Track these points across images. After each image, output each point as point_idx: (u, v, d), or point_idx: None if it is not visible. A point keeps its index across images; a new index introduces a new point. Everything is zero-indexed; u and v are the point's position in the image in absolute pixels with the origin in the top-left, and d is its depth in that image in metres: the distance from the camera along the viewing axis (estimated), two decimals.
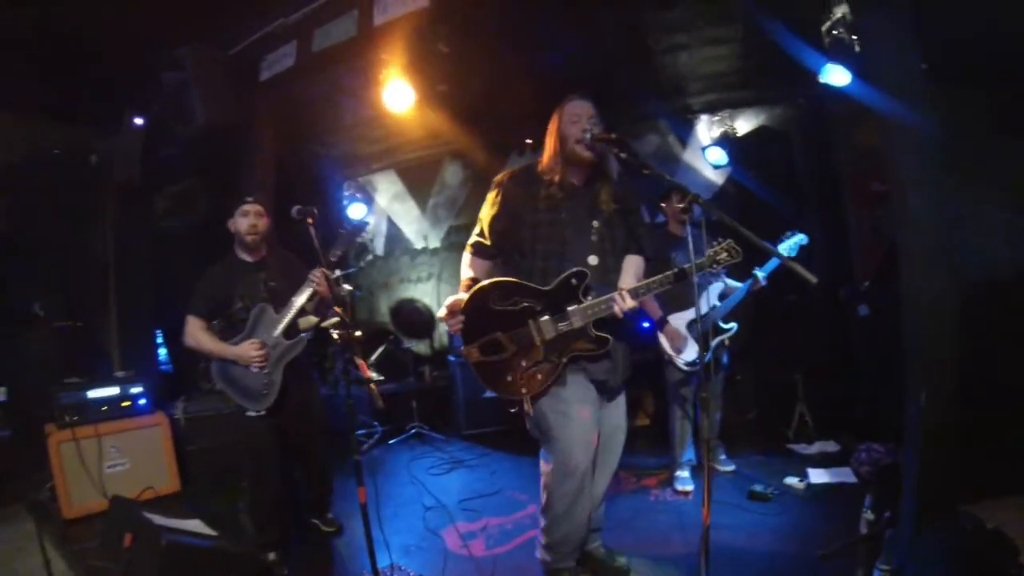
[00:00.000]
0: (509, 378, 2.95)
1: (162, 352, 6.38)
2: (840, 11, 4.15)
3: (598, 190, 3.04)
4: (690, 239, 2.52)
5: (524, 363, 2.92)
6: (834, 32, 4.21)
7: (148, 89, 5.10)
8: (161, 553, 3.00)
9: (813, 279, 2.54)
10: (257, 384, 3.66)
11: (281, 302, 3.71)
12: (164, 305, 5.94)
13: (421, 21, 4.29)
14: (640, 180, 3.00)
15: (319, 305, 3.73)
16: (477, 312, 2.94)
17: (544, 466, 3.08)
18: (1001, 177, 5.03)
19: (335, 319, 2.96)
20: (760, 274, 4.42)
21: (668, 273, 2.83)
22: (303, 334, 3.76)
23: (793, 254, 4.43)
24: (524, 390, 2.94)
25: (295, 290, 3.66)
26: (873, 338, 5.15)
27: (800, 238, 4.46)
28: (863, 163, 5.50)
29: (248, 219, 3.78)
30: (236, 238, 3.84)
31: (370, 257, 8.59)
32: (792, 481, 4.43)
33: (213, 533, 3.46)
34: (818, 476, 4.53)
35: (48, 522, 4.38)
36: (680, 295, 4.44)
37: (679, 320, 4.53)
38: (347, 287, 6.67)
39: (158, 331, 6.22)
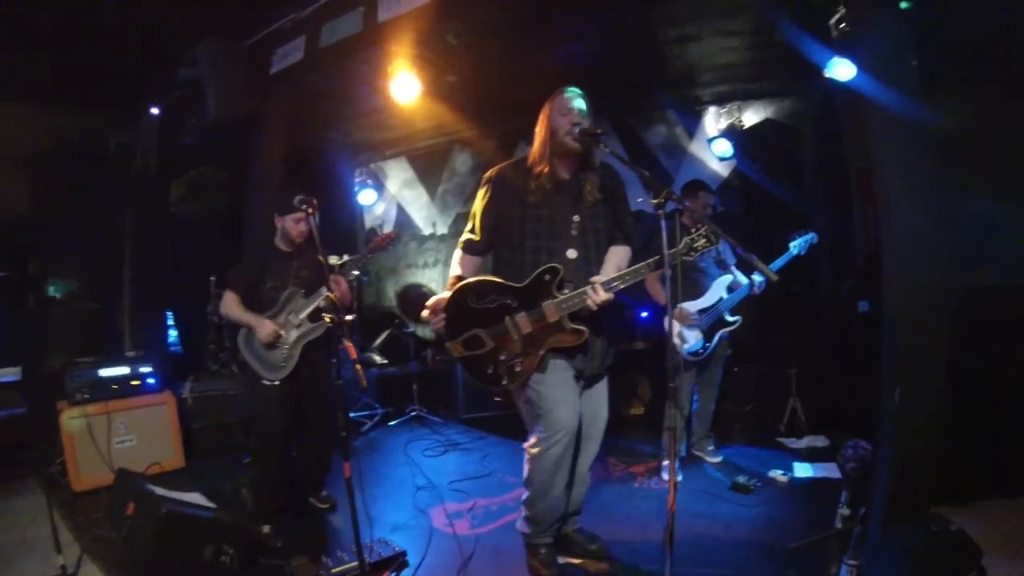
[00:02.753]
0: (491, 371, 3.09)
1: (172, 334, 6.60)
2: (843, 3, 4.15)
3: (583, 181, 3.13)
4: (664, 231, 2.57)
5: (503, 356, 3.06)
6: (841, 26, 4.25)
7: (165, 80, 5.31)
8: (160, 521, 3.22)
9: (774, 276, 2.66)
10: (277, 356, 4.09)
11: (311, 289, 4.15)
12: (178, 288, 6.18)
13: (425, 17, 4.36)
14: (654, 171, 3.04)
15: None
16: (458, 310, 3.11)
17: (528, 441, 3.22)
18: (995, 179, 5.04)
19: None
20: (757, 279, 4.58)
21: (642, 264, 2.90)
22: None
23: (803, 252, 4.65)
24: (505, 381, 3.09)
25: (322, 280, 3.95)
26: (872, 335, 5.16)
27: (810, 236, 4.65)
28: (870, 159, 5.49)
29: (300, 226, 4.18)
30: (281, 233, 4.26)
31: None
32: (776, 474, 4.54)
33: (211, 505, 3.68)
34: (802, 470, 4.62)
35: (57, 494, 4.60)
36: (688, 286, 4.67)
37: (687, 310, 4.67)
38: (354, 271, 6.86)
39: (169, 313, 6.43)
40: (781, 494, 4.34)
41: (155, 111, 5.54)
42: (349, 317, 3.14)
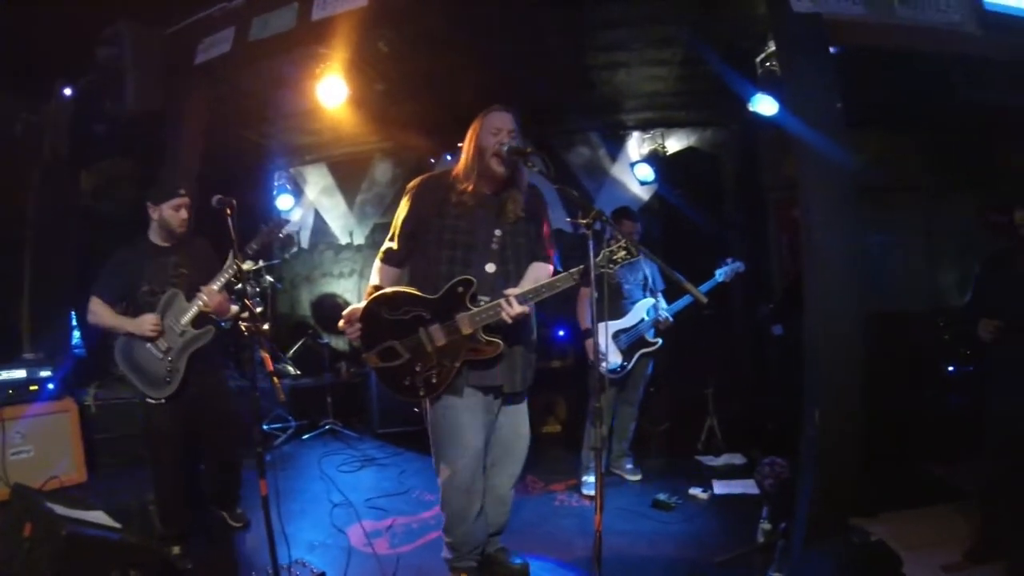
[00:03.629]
0: (407, 382, 3.02)
1: (75, 335, 6.12)
2: (773, 45, 4.35)
3: (506, 199, 3.10)
4: (591, 248, 2.57)
5: (418, 368, 2.99)
6: (767, 64, 4.43)
7: (80, 60, 4.88)
8: (60, 543, 2.90)
9: (703, 299, 2.70)
10: (160, 371, 3.59)
11: (192, 289, 3.65)
12: (83, 287, 5.73)
13: (360, 19, 4.24)
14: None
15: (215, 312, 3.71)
16: (372, 321, 3.03)
17: (439, 468, 3.15)
18: (907, 217, 5.38)
19: (258, 310, 2.93)
20: (665, 313, 4.73)
21: (558, 276, 2.89)
22: (221, 323, 3.77)
23: (727, 279, 4.78)
24: (422, 393, 3.02)
25: (207, 278, 3.62)
26: (785, 357, 5.35)
27: (737, 265, 4.78)
28: (788, 190, 5.69)
29: (180, 213, 3.73)
30: (158, 224, 3.74)
31: (295, 249, 8.51)
32: (696, 491, 4.59)
33: (116, 525, 3.33)
34: (722, 487, 4.69)
35: None
36: (610, 307, 4.66)
37: (608, 330, 4.67)
38: (268, 278, 6.63)
39: (73, 313, 5.96)
40: (702, 511, 4.39)
41: (68, 92, 5.13)
42: (266, 326, 2.99)
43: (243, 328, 3.15)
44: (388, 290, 3.06)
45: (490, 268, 3.04)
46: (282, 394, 3.12)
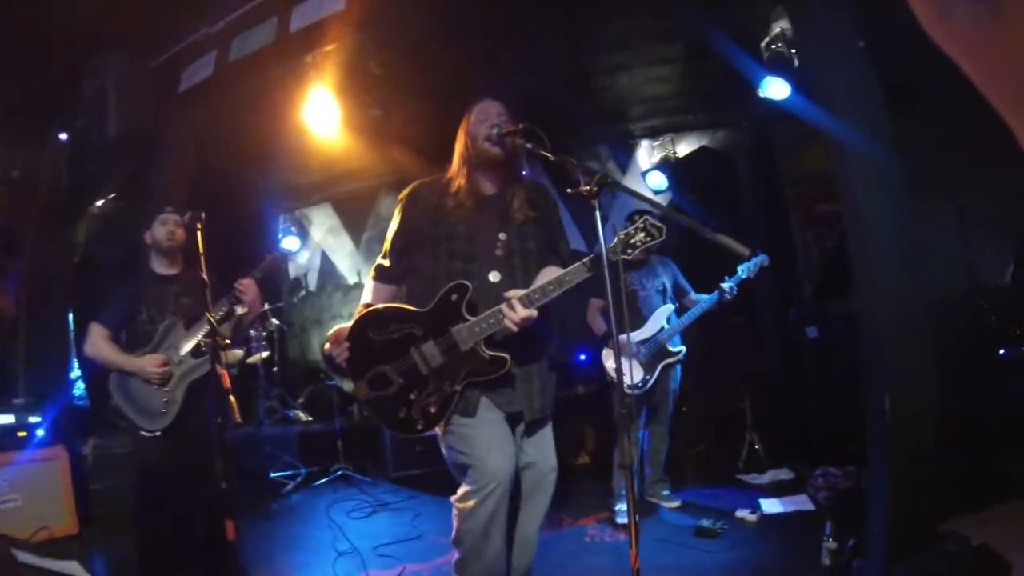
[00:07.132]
0: (402, 414, 2.38)
1: (80, 387, 5.64)
2: (779, 26, 4.04)
3: (511, 197, 2.52)
4: (599, 223, 2.02)
5: (414, 396, 2.36)
6: (773, 47, 4.07)
7: (71, 101, 4.65)
8: None
9: (745, 251, 2.08)
10: (156, 402, 3.19)
11: (193, 319, 3.30)
12: (80, 333, 5.32)
13: (339, 25, 3.91)
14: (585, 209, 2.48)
15: (237, 325, 3.38)
16: (359, 345, 2.42)
17: (456, 495, 2.46)
18: (955, 201, 4.72)
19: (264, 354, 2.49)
20: (726, 285, 4.01)
21: (567, 270, 2.26)
22: (231, 368, 3.42)
23: (751, 274, 4.10)
24: (420, 426, 2.37)
25: (206, 307, 3.14)
26: (824, 359, 4.69)
27: (760, 259, 4.09)
28: (809, 184, 5.30)
29: (167, 227, 3.38)
30: (152, 247, 3.43)
31: (303, 293, 8.08)
32: (743, 513, 3.84)
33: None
34: (771, 506, 3.94)
35: None
36: (631, 316, 4.03)
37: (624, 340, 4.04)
38: (275, 322, 6.17)
39: (74, 362, 5.51)
40: (752, 534, 3.64)
41: (63, 137, 4.87)
42: (228, 341, 2.77)
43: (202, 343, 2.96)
44: (373, 307, 2.47)
45: (494, 277, 2.42)
46: (238, 415, 2.70)
